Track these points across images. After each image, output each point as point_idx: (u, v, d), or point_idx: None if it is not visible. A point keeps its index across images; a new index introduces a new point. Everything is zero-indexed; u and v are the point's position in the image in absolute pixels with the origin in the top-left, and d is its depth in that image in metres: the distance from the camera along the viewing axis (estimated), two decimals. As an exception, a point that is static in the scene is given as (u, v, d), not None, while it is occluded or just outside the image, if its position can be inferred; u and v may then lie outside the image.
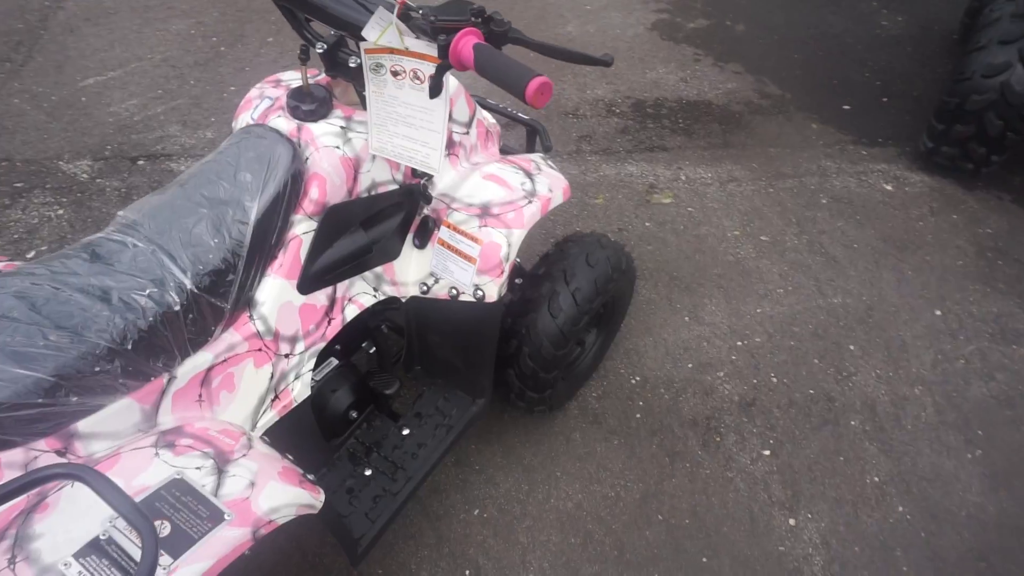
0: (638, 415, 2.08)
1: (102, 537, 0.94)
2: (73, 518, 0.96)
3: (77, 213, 2.56)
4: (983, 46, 2.65)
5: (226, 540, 0.99)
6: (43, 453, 1.01)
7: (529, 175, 1.64)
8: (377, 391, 1.60)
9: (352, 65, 1.34)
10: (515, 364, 1.75)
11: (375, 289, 1.55)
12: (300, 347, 1.39)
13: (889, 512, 1.90)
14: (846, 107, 3.38)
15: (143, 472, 1.03)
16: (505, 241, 1.50)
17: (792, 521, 1.87)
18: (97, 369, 1.05)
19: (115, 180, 2.72)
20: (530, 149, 1.91)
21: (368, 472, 1.57)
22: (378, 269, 1.55)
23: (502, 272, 1.50)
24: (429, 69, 1.18)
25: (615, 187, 2.84)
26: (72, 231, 2.49)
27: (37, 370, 1.00)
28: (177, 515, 0.99)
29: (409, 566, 1.74)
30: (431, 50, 1.16)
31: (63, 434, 1.03)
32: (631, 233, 2.64)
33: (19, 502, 0.97)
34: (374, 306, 1.56)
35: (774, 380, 2.20)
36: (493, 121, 1.80)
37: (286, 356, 1.37)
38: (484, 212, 1.54)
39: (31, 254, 2.40)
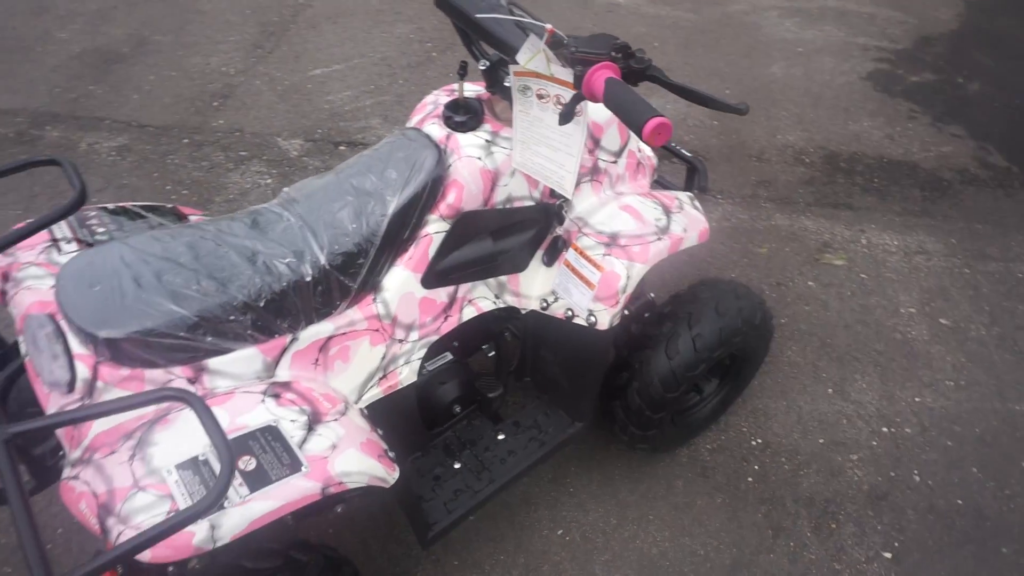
0: (750, 478, 1.96)
1: (200, 457, 1.09)
2: (183, 436, 1.12)
3: (280, 184, 2.93)
4: None
5: (297, 488, 1.11)
6: (177, 378, 1.19)
7: (667, 212, 1.63)
8: (482, 393, 1.67)
9: (507, 84, 1.42)
10: (623, 397, 1.74)
11: (497, 296, 1.62)
12: (414, 336, 1.49)
13: (1027, 663, 1.63)
14: None
15: (247, 413, 1.18)
16: (625, 273, 1.50)
17: (901, 638, 1.67)
18: (232, 318, 1.22)
19: (317, 160, 3.06)
20: (688, 187, 1.88)
21: (457, 466, 1.64)
22: (502, 278, 1.62)
23: (616, 302, 1.51)
24: (568, 96, 1.23)
25: (784, 239, 2.69)
26: (279, 187, 2.85)
27: (185, 308, 1.18)
28: (263, 456, 1.12)
29: (483, 565, 1.79)
30: (570, 78, 1.20)
31: (196, 366, 1.20)
32: (790, 290, 2.49)
33: (148, 413, 1.16)
34: (495, 312, 1.63)
35: (916, 479, 1.96)
36: (650, 154, 1.79)
37: (400, 341, 1.48)
38: (612, 241, 1.55)
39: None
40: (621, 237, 1.55)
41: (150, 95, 3.47)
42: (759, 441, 2.05)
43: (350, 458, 1.20)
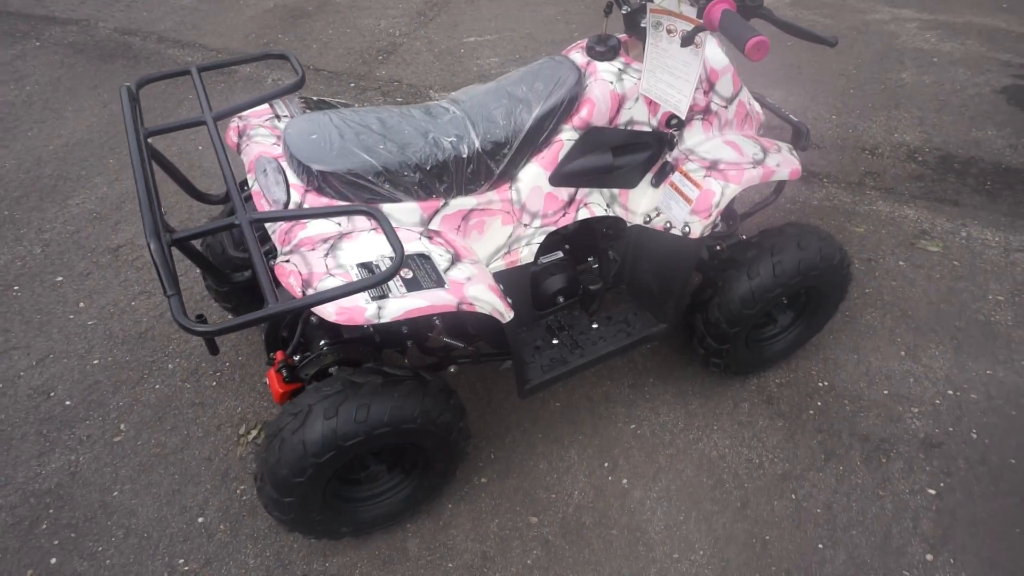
0: (811, 411, 2.17)
1: (374, 262, 1.48)
2: (363, 247, 1.52)
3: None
4: None
5: (440, 297, 1.47)
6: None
7: (765, 151, 1.89)
8: (585, 288, 2.00)
9: (643, 26, 1.74)
10: (704, 310, 2.00)
11: (608, 205, 1.93)
12: (536, 223, 1.84)
13: (1050, 598, 1.77)
14: None
15: (408, 243, 1.57)
16: (720, 191, 1.78)
17: (930, 556, 1.84)
18: (405, 174, 1.60)
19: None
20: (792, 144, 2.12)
21: (555, 342, 1.98)
22: (615, 191, 1.93)
23: (709, 215, 1.79)
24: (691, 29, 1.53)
25: (883, 223, 2.84)
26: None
27: (372, 158, 1.58)
28: (418, 272, 1.50)
29: (563, 441, 2.11)
30: (694, 15, 1.51)
31: (373, 208, 1.59)
32: (879, 265, 2.65)
33: (338, 230, 1.56)
34: (605, 220, 1.95)
35: (973, 436, 2.11)
36: (759, 110, 2.06)
37: (525, 225, 1.82)
38: (712, 166, 1.83)
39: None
40: (721, 163, 1.83)
41: (327, 46, 4.03)
42: (825, 383, 2.25)
43: (480, 289, 1.56)
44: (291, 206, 1.59)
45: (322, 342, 1.83)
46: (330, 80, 3.72)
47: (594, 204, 1.91)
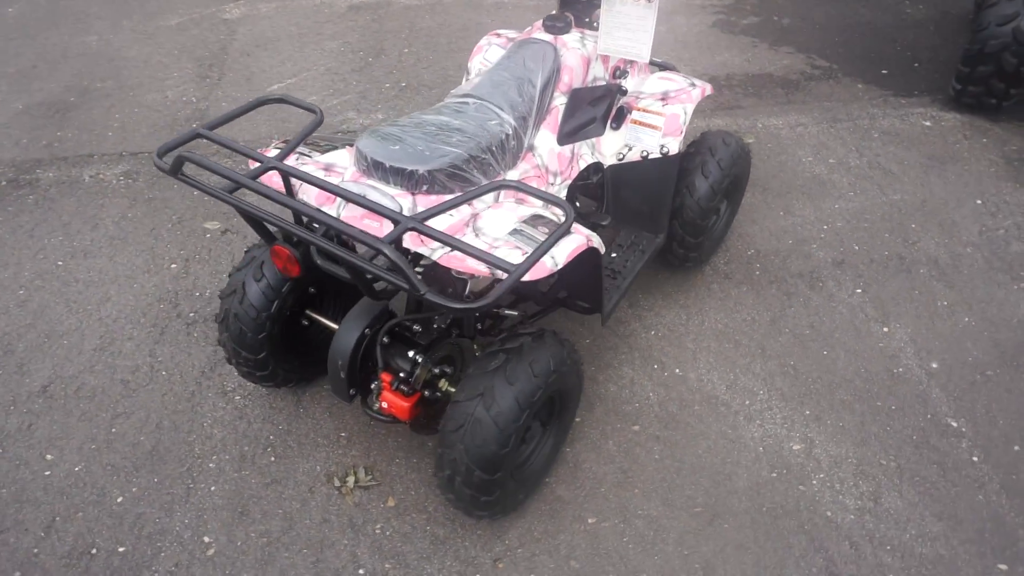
0: (758, 272, 2.76)
1: (515, 227, 1.66)
2: (496, 222, 1.68)
3: (300, 171, 3.34)
4: (995, 3, 3.38)
5: (575, 238, 1.68)
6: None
7: (686, 78, 2.39)
8: (597, 225, 2.31)
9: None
10: (680, 215, 2.45)
11: (592, 153, 2.28)
12: (558, 180, 2.12)
13: (957, 321, 2.55)
14: (884, 71, 4.12)
15: (518, 210, 1.76)
16: (683, 110, 2.24)
17: (885, 328, 2.53)
18: (483, 157, 1.79)
19: (320, 149, 3.51)
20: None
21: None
22: (592, 140, 2.28)
23: (681, 132, 2.23)
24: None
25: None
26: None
27: (459, 150, 1.74)
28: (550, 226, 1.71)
29: (613, 364, 2.42)
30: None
31: (469, 191, 1.75)
32: (726, 163, 3.36)
33: (471, 213, 1.69)
34: (591, 166, 2.29)
35: (856, 248, 2.88)
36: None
37: (551, 184, 2.09)
38: (664, 96, 2.28)
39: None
40: (669, 93, 2.29)
41: (125, 129, 3.71)
42: (753, 251, 2.86)
43: (586, 233, 1.81)
44: (406, 212, 1.67)
45: (410, 352, 1.90)
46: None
47: (585, 155, 2.25)
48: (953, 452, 2.15)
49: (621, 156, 2.32)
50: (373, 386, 1.94)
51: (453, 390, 1.92)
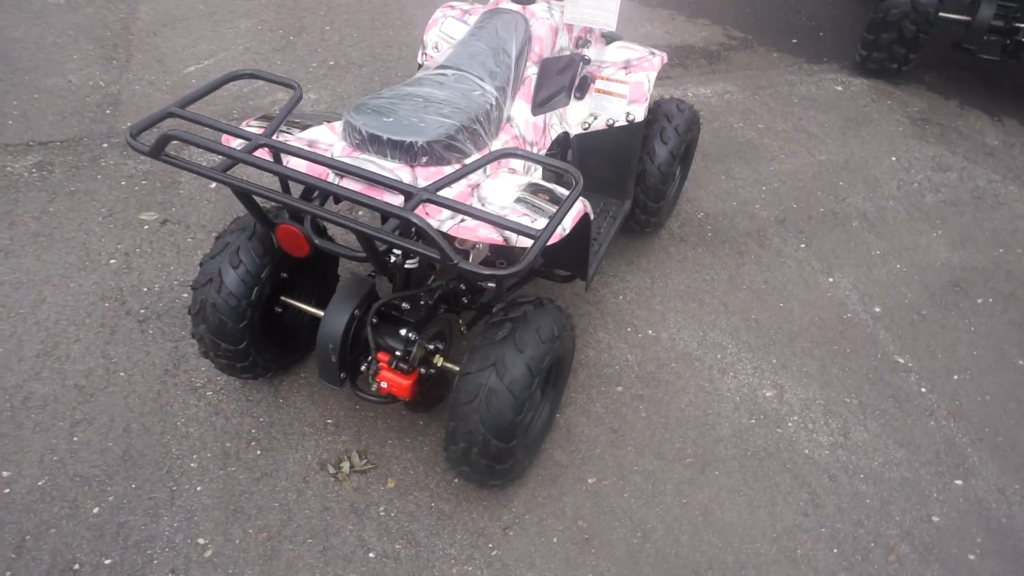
0: (710, 234, 2.89)
1: (518, 195, 1.67)
2: (498, 190, 1.68)
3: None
4: (894, -26, 3.65)
5: (578, 207, 1.71)
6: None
7: (644, 48, 2.45)
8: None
9: None
10: (642, 181, 2.52)
11: (560, 123, 2.30)
12: (535, 150, 2.13)
13: (891, 268, 2.78)
14: (794, 41, 4.37)
15: (516, 180, 1.76)
16: (646, 78, 2.30)
17: (831, 279, 2.72)
18: (473, 128, 1.77)
19: (254, 131, 3.35)
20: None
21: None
22: (560, 110, 2.30)
23: (646, 99, 2.30)
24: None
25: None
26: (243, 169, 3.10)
27: (453, 120, 1.72)
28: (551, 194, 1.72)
29: (589, 330, 2.47)
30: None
31: (477, 160, 1.72)
32: (665, 132, 3.48)
33: (469, 182, 1.68)
34: (559, 137, 2.31)
35: (794, 206, 3.06)
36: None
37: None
38: (627, 65, 2.33)
39: (213, 184, 3.01)
40: (631, 61, 2.34)
41: (27, 117, 3.39)
42: (702, 214, 2.99)
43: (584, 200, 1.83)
44: (408, 183, 1.63)
45: (403, 331, 1.88)
46: (72, 148, 3.18)
47: (555, 125, 2.27)
48: (904, 386, 2.36)
49: (586, 125, 2.36)
50: (364, 367, 1.90)
51: (449, 365, 1.91)
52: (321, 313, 2.05)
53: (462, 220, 1.59)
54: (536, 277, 2.27)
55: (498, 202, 1.64)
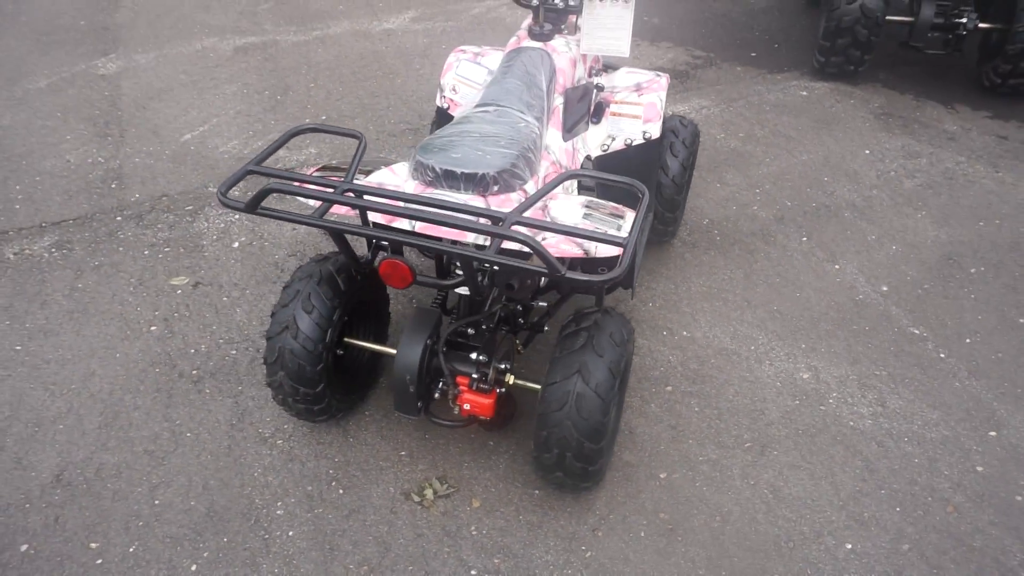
0: (718, 237, 3.08)
1: (584, 213, 1.80)
2: (567, 209, 1.82)
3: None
4: (841, -16, 3.98)
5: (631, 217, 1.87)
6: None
7: (649, 71, 2.65)
8: None
9: (535, 4, 2.29)
10: (659, 194, 2.69)
11: (584, 147, 2.46)
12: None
13: (888, 250, 3.00)
14: (753, 54, 4.67)
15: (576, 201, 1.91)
16: (659, 98, 2.48)
17: (837, 266, 2.92)
18: (527, 155, 1.92)
19: (264, 190, 3.43)
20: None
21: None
22: (582, 135, 2.47)
23: (660, 117, 2.48)
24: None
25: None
26: (251, 224, 3.18)
27: (510, 150, 1.85)
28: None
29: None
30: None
31: (548, 184, 1.85)
32: (655, 149, 3.68)
33: (543, 203, 1.81)
34: (585, 160, 2.47)
35: (789, 204, 3.28)
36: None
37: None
38: (638, 88, 2.52)
39: (235, 244, 3.08)
40: (641, 84, 2.53)
41: (33, 200, 3.42)
42: (707, 221, 3.18)
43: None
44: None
45: (473, 355, 1.99)
46: (88, 225, 3.21)
47: (580, 149, 2.43)
48: (924, 354, 2.55)
49: (606, 147, 2.52)
50: (438, 394, 2.00)
51: (521, 382, 2.02)
52: (385, 349, 2.14)
53: (544, 238, 1.72)
54: (574, 293, 2.40)
55: (569, 219, 1.78)
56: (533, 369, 2.47)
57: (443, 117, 2.65)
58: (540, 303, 2.27)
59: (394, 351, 2.03)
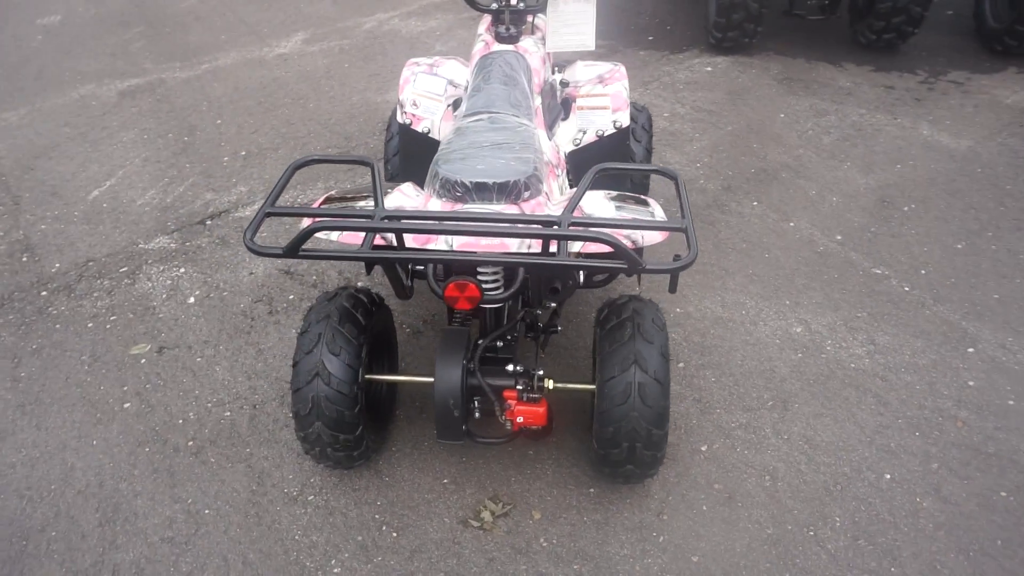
0: (677, 214, 3.18)
1: (616, 207, 1.81)
2: (600, 205, 1.82)
3: (196, 265, 3.02)
4: (727, -36, 4.22)
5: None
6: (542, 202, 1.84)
7: (606, 62, 2.70)
8: None
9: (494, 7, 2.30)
10: (627, 181, 2.75)
11: (561, 143, 2.47)
12: (560, 170, 2.28)
13: (830, 202, 3.23)
14: (650, 38, 4.86)
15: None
16: (623, 87, 2.53)
17: (791, 224, 3.11)
18: (540, 158, 1.90)
19: (203, 239, 3.19)
20: None
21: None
22: (556, 132, 2.47)
23: (627, 105, 2.53)
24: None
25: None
26: (202, 275, 2.95)
27: (529, 154, 1.84)
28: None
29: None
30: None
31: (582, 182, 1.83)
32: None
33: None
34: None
35: (730, 173, 3.45)
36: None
37: (558, 175, 2.25)
38: (600, 80, 2.55)
39: (191, 299, 2.85)
40: (603, 75, 2.57)
41: (70, 244, 3.03)
42: (662, 200, 3.28)
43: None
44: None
45: (509, 366, 1.96)
46: (3, 310, 2.85)
47: (561, 146, 2.44)
48: (892, 290, 2.76)
49: (577, 141, 2.54)
50: (478, 413, 1.95)
51: (560, 385, 2.00)
52: (419, 379, 2.06)
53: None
54: (576, 288, 2.41)
55: (605, 214, 1.78)
56: (555, 372, 2.46)
57: (407, 133, 2.57)
58: (549, 304, 2.26)
59: (429, 379, 1.96)
